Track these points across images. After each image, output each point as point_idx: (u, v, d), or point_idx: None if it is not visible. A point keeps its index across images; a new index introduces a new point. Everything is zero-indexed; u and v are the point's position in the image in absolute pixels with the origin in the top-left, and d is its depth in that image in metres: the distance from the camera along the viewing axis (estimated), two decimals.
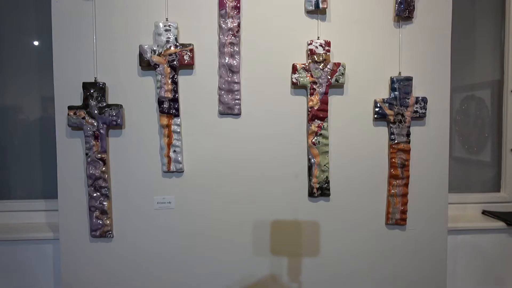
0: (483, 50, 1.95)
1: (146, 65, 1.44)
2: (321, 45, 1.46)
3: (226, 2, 1.44)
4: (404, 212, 1.52)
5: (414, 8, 1.50)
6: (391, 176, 1.51)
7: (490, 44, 1.95)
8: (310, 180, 1.50)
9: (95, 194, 1.46)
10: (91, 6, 1.46)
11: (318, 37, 1.48)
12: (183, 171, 1.49)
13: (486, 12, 1.95)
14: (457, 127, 1.96)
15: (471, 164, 1.97)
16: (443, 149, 1.54)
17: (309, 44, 1.46)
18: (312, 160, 1.48)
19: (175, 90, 1.45)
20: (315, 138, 1.48)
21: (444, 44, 1.54)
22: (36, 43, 1.82)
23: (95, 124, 1.44)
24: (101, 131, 1.44)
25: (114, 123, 1.44)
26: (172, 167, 1.47)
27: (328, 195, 1.51)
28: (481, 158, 1.97)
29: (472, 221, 1.80)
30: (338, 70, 1.47)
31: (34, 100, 1.81)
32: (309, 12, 1.48)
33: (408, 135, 1.50)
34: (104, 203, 1.47)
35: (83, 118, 1.44)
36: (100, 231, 1.48)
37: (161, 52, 1.44)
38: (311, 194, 1.50)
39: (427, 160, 1.54)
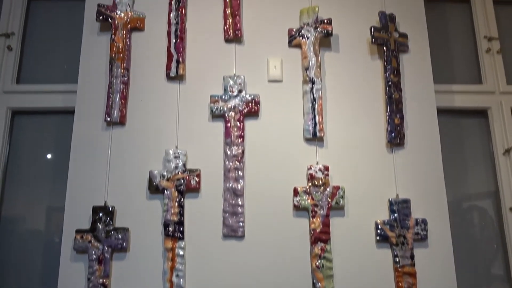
0: (475, 163, 2.04)
1: (154, 189, 1.52)
2: (320, 170, 1.55)
3: (231, 132, 1.58)
4: None
5: (404, 135, 1.63)
6: None
7: (480, 157, 2.05)
8: None
9: None
10: (108, 133, 1.59)
11: (317, 162, 1.58)
12: None
13: (472, 128, 2.09)
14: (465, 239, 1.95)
15: (484, 279, 1.90)
16: (449, 272, 1.52)
17: (309, 169, 1.56)
18: (317, 284, 1.45)
19: (181, 213, 1.50)
20: (319, 261, 1.47)
21: (436, 166, 1.63)
22: (49, 155, 1.95)
23: (100, 247, 1.46)
24: (106, 254, 1.45)
25: (120, 246, 1.46)
26: None
27: None
28: (493, 271, 1.91)
29: None
30: (337, 193, 1.53)
31: (38, 211, 1.87)
32: (307, 140, 1.61)
33: (412, 257, 1.50)
34: None
35: (89, 241, 1.46)
36: None
37: (170, 177, 1.52)
38: None
39: (434, 284, 1.51)
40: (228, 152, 1.56)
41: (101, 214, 1.49)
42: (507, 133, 2.02)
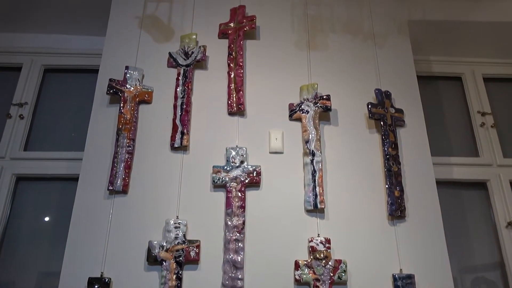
0: (478, 234, 2.02)
1: (153, 260, 1.49)
2: (321, 243, 1.53)
3: (233, 202, 1.59)
4: None
5: (404, 208, 1.63)
6: None
7: (482, 228, 2.03)
8: None
9: None
10: (110, 202, 1.60)
11: (318, 235, 1.57)
12: None
13: (472, 199, 2.10)
14: None
15: None
16: None
17: (310, 241, 1.54)
18: None
19: (178, 287, 1.46)
20: None
21: (439, 238, 1.61)
22: (49, 221, 1.93)
23: None
24: None
25: None
26: None
27: None
28: None
29: None
30: (339, 267, 1.50)
31: (33, 276, 1.84)
32: (308, 211, 1.61)
33: None
34: None
35: None
36: None
37: (169, 248, 1.50)
38: None
39: None
40: (229, 223, 1.56)
41: (96, 287, 1.45)
42: (508, 205, 2.02)
